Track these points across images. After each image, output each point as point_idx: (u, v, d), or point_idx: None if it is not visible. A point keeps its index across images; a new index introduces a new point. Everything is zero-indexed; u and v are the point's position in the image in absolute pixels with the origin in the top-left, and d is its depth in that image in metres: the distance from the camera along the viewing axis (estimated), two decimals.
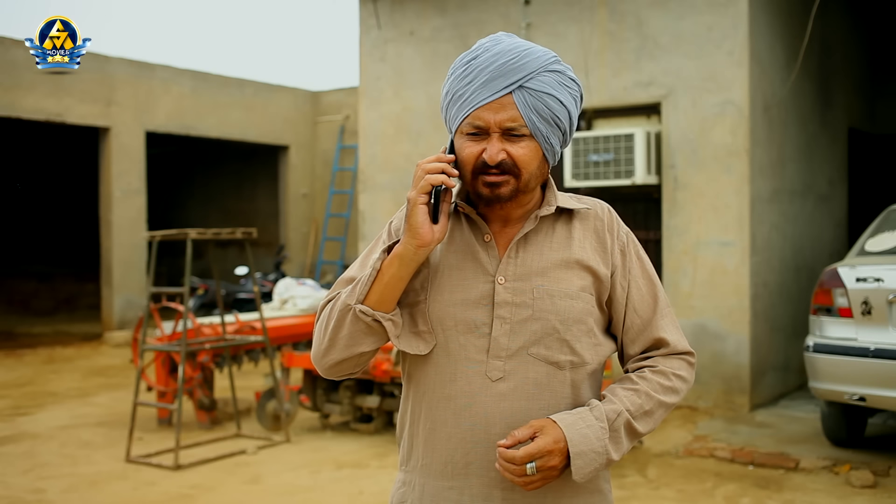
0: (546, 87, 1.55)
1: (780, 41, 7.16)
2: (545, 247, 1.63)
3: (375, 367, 5.89)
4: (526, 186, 1.58)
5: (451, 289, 1.61)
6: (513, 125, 1.54)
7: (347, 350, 1.59)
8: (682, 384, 1.67)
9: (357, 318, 1.56)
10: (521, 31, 7.56)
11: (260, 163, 15.73)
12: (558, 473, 1.52)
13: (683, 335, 1.72)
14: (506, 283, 1.60)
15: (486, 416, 1.59)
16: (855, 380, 5.13)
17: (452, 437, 1.60)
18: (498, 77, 1.55)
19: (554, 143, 1.59)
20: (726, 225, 6.74)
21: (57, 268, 16.51)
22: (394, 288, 1.57)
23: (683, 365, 1.69)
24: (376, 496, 4.89)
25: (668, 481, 5.11)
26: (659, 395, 1.62)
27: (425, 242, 1.53)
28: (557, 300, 1.60)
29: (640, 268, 1.69)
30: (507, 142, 1.55)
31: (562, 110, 1.58)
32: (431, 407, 1.63)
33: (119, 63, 12.11)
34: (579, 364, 1.62)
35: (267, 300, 10.14)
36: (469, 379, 1.60)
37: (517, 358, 1.59)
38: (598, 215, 1.68)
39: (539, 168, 1.59)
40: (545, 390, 1.60)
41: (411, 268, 1.56)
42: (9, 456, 5.87)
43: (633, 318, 1.67)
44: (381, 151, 8.64)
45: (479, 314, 1.60)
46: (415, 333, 1.61)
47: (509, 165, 1.55)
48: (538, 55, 1.58)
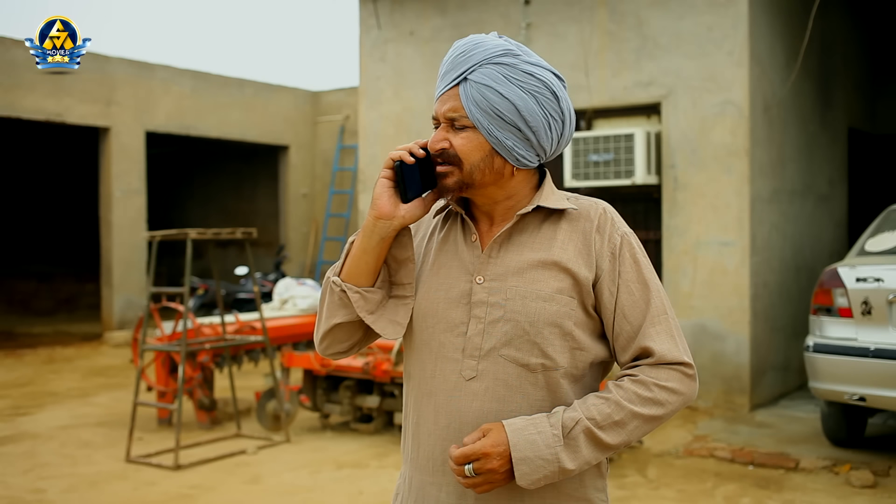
0: (486, 80, 1.56)
1: (780, 41, 7.16)
2: (526, 247, 1.62)
3: (375, 367, 5.89)
4: (471, 178, 1.58)
5: (436, 286, 1.65)
6: (454, 115, 1.58)
7: (327, 322, 1.66)
8: (668, 396, 1.55)
9: (332, 290, 1.64)
10: (521, 31, 7.57)
11: (260, 163, 15.73)
12: (502, 477, 1.51)
13: (680, 344, 1.60)
14: (483, 283, 1.61)
15: (459, 415, 1.60)
16: (855, 380, 5.13)
17: (432, 434, 1.63)
18: (450, 70, 1.60)
19: (503, 137, 1.57)
20: (726, 225, 6.74)
21: (57, 268, 16.51)
22: (359, 260, 1.62)
23: (675, 376, 1.57)
24: (376, 496, 4.89)
25: (668, 481, 5.11)
26: (633, 406, 1.53)
27: (382, 214, 1.58)
28: (529, 301, 1.58)
29: (635, 271, 1.61)
30: (451, 132, 1.59)
31: (504, 103, 1.56)
32: (417, 401, 1.67)
33: (119, 63, 12.11)
34: (552, 367, 1.58)
35: (267, 300, 10.15)
36: (446, 376, 1.62)
37: (489, 358, 1.59)
38: (589, 216, 1.63)
39: (484, 161, 1.58)
40: (516, 392, 1.58)
41: (373, 240, 1.60)
42: (9, 456, 5.87)
43: (623, 324, 1.59)
44: (381, 151, 8.64)
45: (458, 313, 1.62)
46: (390, 321, 1.65)
47: (450, 155, 1.58)
48: (487, 48, 1.59)
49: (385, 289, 1.66)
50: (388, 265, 1.66)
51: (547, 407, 1.58)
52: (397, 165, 1.59)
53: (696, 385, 1.60)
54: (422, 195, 1.62)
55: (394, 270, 1.66)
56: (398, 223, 1.60)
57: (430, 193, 1.64)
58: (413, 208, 1.61)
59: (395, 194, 1.60)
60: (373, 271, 1.63)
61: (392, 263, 1.66)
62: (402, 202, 1.60)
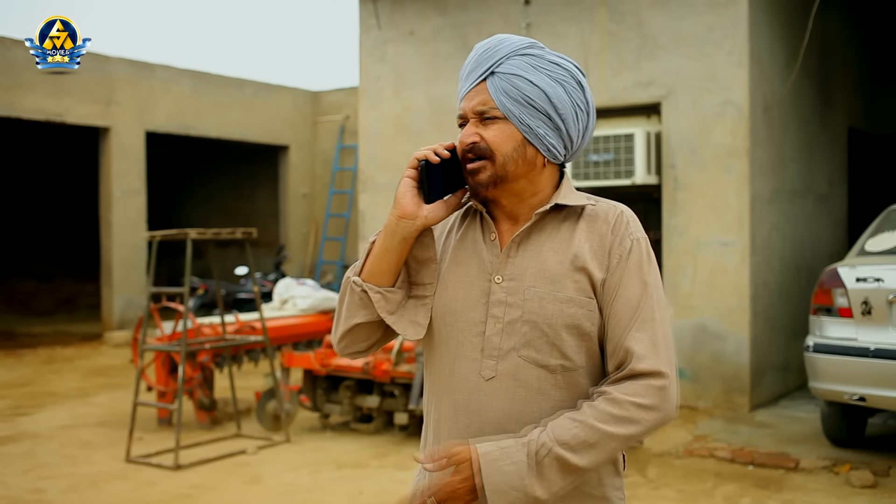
0: (515, 70, 1.57)
1: (780, 41, 7.16)
2: (545, 247, 1.61)
3: (375, 367, 5.89)
4: (504, 171, 1.58)
5: (454, 285, 1.64)
6: (483, 108, 1.58)
7: (346, 322, 1.65)
8: (643, 414, 1.49)
9: (352, 290, 1.63)
10: (521, 31, 7.56)
11: (260, 163, 15.73)
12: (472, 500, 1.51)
13: (663, 352, 1.54)
14: (502, 283, 1.60)
15: (479, 415, 1.59)
16: (855, 380, 5.13)
17: (453, 433, 1.62)
18: (476, 68, 1.61)
19: (534, 125, 1.57)
20: (726, 225, 6.74)
21: (57, 268, 16.51)
22: (381, 259, 1.61)
23: (648, 391, 1.50)
24: (376, 496, 4.89)
25: (668, 481, 5.11)
26: (606, 427, 1.48)
27: (405, 213, 1.58)
28: (547, 303, 1.57)
29: (637, 277, 1.58)
30: (481, 126, 1.59)
31: (534, 90, 1.57)
32: (438, 399, 1.67)
33: (119, 63, 12.11)
34: (571, 368, 1.57)
35: (267, 300, 10.14)
36: (465, 376, 1.61)
37: (508, 359, 1.58)
38: (607, 218, 1.62)
39: (517, 151, 1.58)
40: (537, 393, 1.57)
41: (395, 240, 1.59)
42: (9, 456, 5.87)
43: (614, 327, 1.56)
44: (381, 151, 8.64)
45: (476, 312, 1.61)
46: (411, 321, 1.64)
47: (482, 149, 1.58)
48: (512, 42, 1.61)
49: (405, 289, 1.66)
50: (409, 265, 1.65)
51: (568, 407, 1.56)
52: (422, 165, 1.58)
53: (674, 398, 1.53)
54: (444, 197, 1.62)
55: (414, 271, 1.66)
56: (420, 223, 1.59)
57: (453, 196, 1.63)
58: (436, 209, 1.60)
59: (418, 194, 1.59)
60: (394, 271, 1.62)
61: (413, 264, 1.65)
62: (425, 202, 1.59)
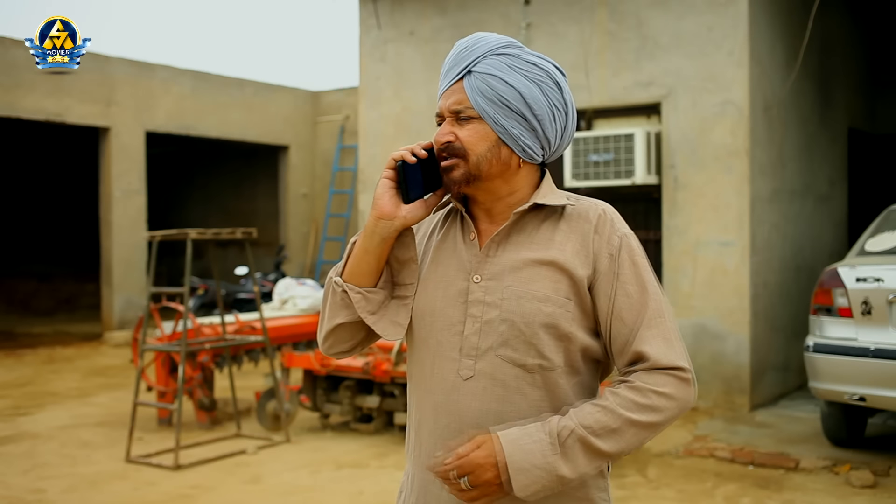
0: (491, 69, 1.57)
1: (780, 41, 7.17)
2: (524, 246, 1.61)
3: (375, 367, 5.89)
4: (478, 170, 1.58)
5: (434, 285, 1.64)
6: (459, 107, 1.58)
7: (329, 322, 1.66)
8: (664, 402, 1.52)
9: (334, 291, 1.64)
10: (521, 31, 7.56)
11: (260, 163, 15.73)
12: (499, 489, 1.50)
13: (677, 348, 1.56)
14: (480, 282, 1.60)
15: (458, 415, 1.59)
16: (855, 380, 5.13)
17: (433, 433, 1.63)
18: (453, 67, 1.61)
19: (509, 126, 1.57)
20: (726, 225, 6.74)
21: (57, 268, 16.51)
22: (361, 260, 1.62)
23: (669, 381, 1.53)
24: (376, 496, 4.89)
25: (668, 481, 5.11)
26: (629, 413, 1.50)
27: (383, 214, 1.58)
28: (525, 302, 1.56)
29: (633, 273, 1.58)
30: (457, 125, 1.60)
31: (509, 91, 1.56)
32: (419, 399, 1.67)
33: (119, 63, 12.11)
34: (549, 368, 1.57)
35: (267, 300, 10.14)
36: (444, 375, 1.61)
37: (486, 358, 1.58)
38: (588, 217, 1.61)
39: (491, 152, 1.58)
40: (514, 392, 1.57)
41: (374, 241, 1.60)
42: (9, 456, 5.87)
43: (619, 327, 1.57)
44: (381, 151, 8.64)
45: (455, 312, 1.61)
46: (392, 322, 1.65)
47: (456, 148, 1.58)
48: (489, 41, 1.61)
49: (388, 289, 1.66)
50: (391, 265, 1.66)
51: (546, 407, 1.57)
52: (399, 165, 1.59)
53: (694, 390, 1.56)
54: (424, 196, 1.62)
55: (396, 271, 1.66)
56: (399, 224, 1.59)
57: (433, 195, 1.63)
58: (415, 209, 1.61)
59: (396, 194, 1.60)
60: (374, 272, 1.63)
61: (394, 264, 1.65)
62: (404, 203, 1.60)
